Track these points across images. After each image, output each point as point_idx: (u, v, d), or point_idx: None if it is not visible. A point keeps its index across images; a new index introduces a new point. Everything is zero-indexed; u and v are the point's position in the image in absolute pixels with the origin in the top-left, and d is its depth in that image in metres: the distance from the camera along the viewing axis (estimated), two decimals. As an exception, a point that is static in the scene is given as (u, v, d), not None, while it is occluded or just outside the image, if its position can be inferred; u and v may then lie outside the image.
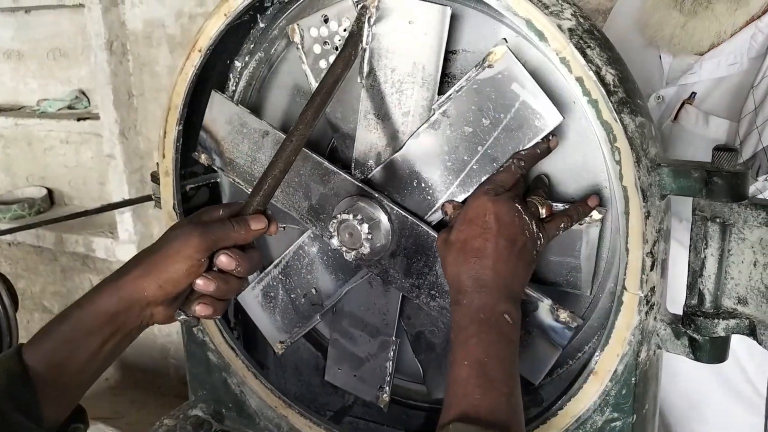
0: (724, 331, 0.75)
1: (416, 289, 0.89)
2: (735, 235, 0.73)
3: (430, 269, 0.87)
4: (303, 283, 1.01)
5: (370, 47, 0.86)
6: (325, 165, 0.92)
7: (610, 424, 0.80)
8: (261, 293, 1.05)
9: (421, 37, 0.83)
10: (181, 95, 0.99)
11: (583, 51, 0.71)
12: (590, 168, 0.83)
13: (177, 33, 2.51)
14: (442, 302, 0.87)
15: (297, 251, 1.00)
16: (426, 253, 0.86)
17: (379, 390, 0.99)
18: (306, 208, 0.95)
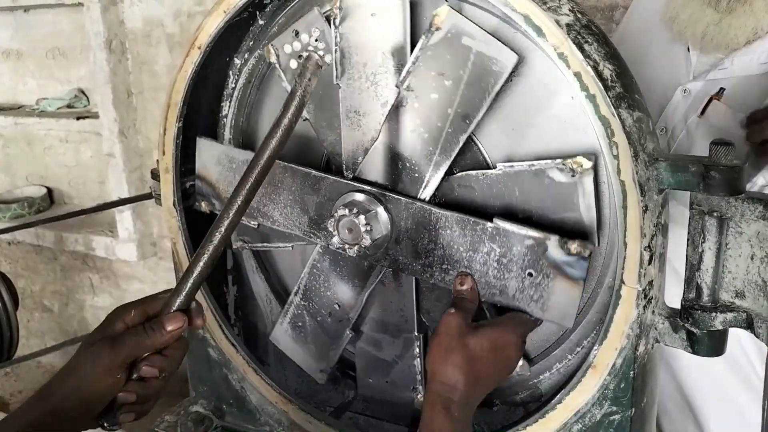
0: (722, 325, 0.75)
1: (428, 268, 0.87)
2: (732, 228, 0.73)
3: (436, 244, 0.86)
4: (325, 301, 1.01)
5: (340, 48, 0.88)
6: (313, 174, 0.94)
7: (608, 417, 0.80)
8: (290, 326, 1.05)
9: (386, 26, 0.85)
10: (180, 92, 1.00)
11: (581, 46, 0.72)
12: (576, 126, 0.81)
13: (176, 32, 2.51)
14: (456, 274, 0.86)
15: (311, 271, 1.00)
16: (428, 228, 0.86)
17: (412, 391, 0.99)
18: (306, 223, 0.96)
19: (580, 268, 0.78)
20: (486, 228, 0.82)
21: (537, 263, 0.79)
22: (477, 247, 0.83)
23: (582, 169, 0.78)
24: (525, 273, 0.81)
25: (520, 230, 0.79)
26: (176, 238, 1.08)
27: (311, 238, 0.97)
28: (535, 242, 0.79)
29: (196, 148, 1.04)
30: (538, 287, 0.80)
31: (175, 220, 1.07)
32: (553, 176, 0.79)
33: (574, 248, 0.77)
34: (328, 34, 0.89)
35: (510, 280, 0.82)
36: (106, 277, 3.05)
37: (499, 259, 0.82)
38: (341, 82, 0.89)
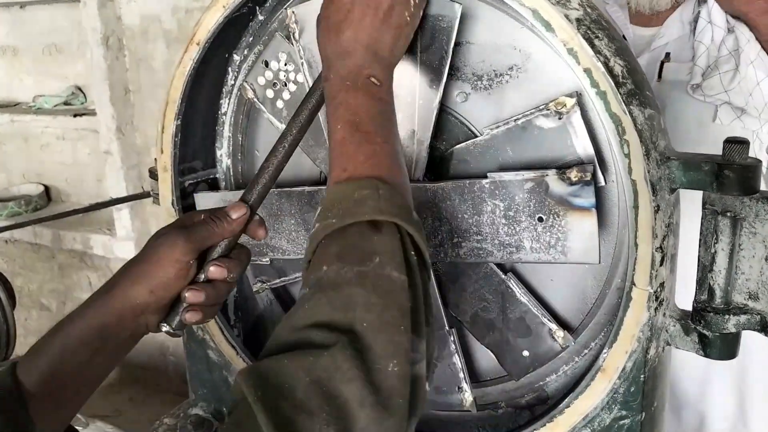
0: (735, 327, 0.73)
1: (440, 248, 0.85)
2: (746, 229, 0.71)
3: (441, 220, 0.84)
4: None
5: (306, 60, 0.90)
6: (307, 190, 0.93)
7: (618, 422, 0.79)
8: None
9: None
10: (179, 89, 0.98)
11: (591, 42, 0.70)
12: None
13: (173, 28, 2.48)
14: (469, 244, 0.83)
15: None
16: (428, 207, 0.84)
17: (458, 391, 0.94)
18: None
19: (588, 195, 0.74)
20: (483, 186, 0.79)
21: (543, 204, 0.76)
22: (480, 209, 0.80)
23: (567, 109, 0.76)
24: (535, 219, 0.77)
25: (516, 176, 0.77)
26: (175, 238, 1.06)
27: None
28: (534, 183, 0.76)
29: (195, 204, 1.05)
30: (552, 230, 0.77)
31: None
32: (541, 124, 0.78)
33: (574, 176, 0.74)
34: (296, 56, 0.92)
35: (522, 233, 0.79)
36: (104, 276, 3.03)
37: (505, 213, 0.79)
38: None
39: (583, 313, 0.85)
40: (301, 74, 0.93)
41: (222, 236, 0.78)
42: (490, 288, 0.88)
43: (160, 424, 1.12)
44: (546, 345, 0.86)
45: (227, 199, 1.02)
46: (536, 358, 0.88)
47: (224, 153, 1.10)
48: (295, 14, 0.91)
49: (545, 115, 0.78)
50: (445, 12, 0.78)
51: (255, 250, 1.00)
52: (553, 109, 0.76)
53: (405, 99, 0.83)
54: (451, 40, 0.79)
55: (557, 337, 0.85)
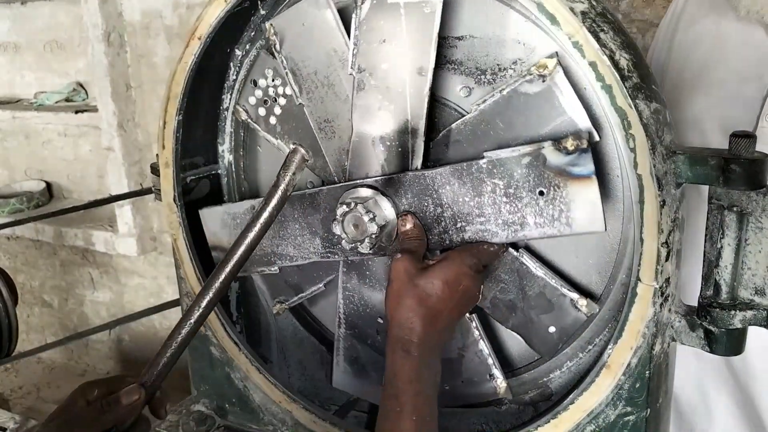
0: (741, 323, 0.73)
1: (444, 234, 0.84)
2: (752, 224, 0.71)
3: (442, 206, 0.83)
4: (368, 321, 0.96)
5: (290, 69, 0.93)
6: (307, 192, 0.93)
7: (623, 418, 0.78)
8: (347, 364, 1.00)
9: (320, 30, 0.89)
10: (180, 84, 0.97)
11: (597, 35, 0.69)
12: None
13: (175, 23, 2.48)
14: (473, 227, 0.82)
15: (344, 295, 0.97)
16: (429, 195, 0.83)
17: (490, 379, 0.92)
18: (320, 244, 0.94)
19: (585, 162, 0.73)
20: (481, 166, 0.79)
21: (542, 177, 0.75)
22: (480, 190, 0.79)
23: (549, 70, 0.75)
24: (536, 194, 0.76)
25: (512, 152, 0.76)
26: (177, 234, 1.05)
27: (330, 257, 0.94)
28: (531, 157, 0.75)
29: (201, 221, 1.06)
30: (554, 202, 0.75)
31: (176, 216, 1.04)
32: (526, 90, 0.77)
33: (570, 144, 0.73)
34: (281, 70, 0.94)
35: (525, 209, 0.78)
36: (105, 272, 3.03)
37: (505, 191, 0.78)
38: (302, 99, 0.93)
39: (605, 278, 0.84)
40: (288, 87, 0.95)
41: (110, 423, 0.76)
42: (504, 267, 0.86)
43: (162, 421, 1.11)
44: (571, 317, 0.84)
45: (231, 211, 1.02)
46: (563, 332, 0.86)
47: (226, 149, 1.09)
48: (274, 26, 0.93)
49: (529, 81, 0.77)
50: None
51: (263, 260, 1.00)
52: (536, 73, 0.76)
53: (396, 90, 0.83)
54: (435, 27, 0.78)
55: (580, 306, 0.83)
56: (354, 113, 0.87)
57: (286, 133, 1.00)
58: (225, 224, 1.03)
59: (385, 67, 0.83)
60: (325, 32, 0.89)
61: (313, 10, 0.89)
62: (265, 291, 1.09)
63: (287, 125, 1.00)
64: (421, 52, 0.80)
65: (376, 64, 0.84)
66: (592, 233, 0.78)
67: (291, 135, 0.99)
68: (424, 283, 0.78)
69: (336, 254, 0.93)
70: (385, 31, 0.82)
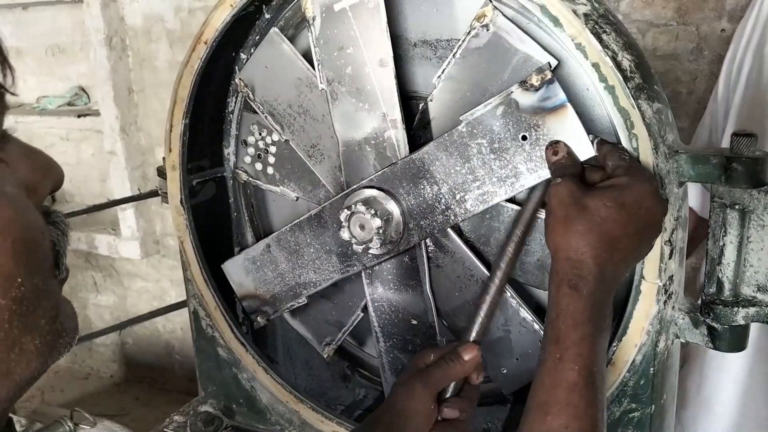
0: (744, 320, 0.74)
1: (448, 210, 0.84)
2: (754, 221, 0.72)
3: (438, 182, 0.83)
4: (402, 326, 0.97)
5: (267, 112, 0.97)
6: (312, 214, 0.95)
7: (628, 414, 0.79)
8: (394, 377, 1.00)
9: (279, 67, 0.94)
10: (187, 88, 0.98)
11: (599, 36, 0.70)
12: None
13: (177, 28, 2.49)
14: (472, 194, 0.82)
15: (374, 307, 0.97)
16: (422, 176, 0.84)
17: None
18: (337, 261, 0.95)
19: (555, 92, 0.73)
20: (461, 131, 0.80)
21: (521, 122, 0.76)
22: (467, 154, 0.80)
23: (489, 18, 0.77)
24: (519, 140, 0.76)
25: (485, 107, 0.77)
26: (184, 237, 1.06)
27: (350, 270, 0.95)
28: (504, 105, 0.76)
29: (225, 274, 1.07)
30: (539, 142, 0.75)
31: (183, 218, 1.05)
32: (476, 45, 0.80)
33: (535, 80, 0.73)
34: (263, 122, 0.99)
35: (514, 158, 0.77)
36: (109, 276, 3.04)
37: (491, 148, 0.78)
38: (286, 135, 0.97)
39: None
40: (275, 134, 1.00)
41: (455, 377, 0.79)
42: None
43: (171, 422, 1.12)
44: None
45: (250, 256, 1.03)
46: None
47: (231, 152, 1.10)
48: (242, 80, 0.99)
49: (475, 36, 0.80)
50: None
51: (289, 295, 1.01)
52: (478, 25, 0.78)
53: (365, 89, 0.85)
54: (382, 17, 0.82)
55: None
56: (335, 124, 0.90)
57: (285, 177, 1.03)
58: (248, 271, 1.04)
59: (350, 71, 0.86)
60: (285, 66, 0.94)
61: (269, 50, 0.95)
62: (311, 338, 1.09)
63: (284, 169, 1.03)
64: (378, 45, 0.83)
65: (341, 71, 0.87)
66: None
67: (290, 177, 1.03)
68: (594, 204, 0.66)
69: (355, 266, 0.94)
70: (340, 38, 0.85)
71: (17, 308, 0.40)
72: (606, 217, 0.65)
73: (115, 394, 3.09)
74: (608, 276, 0.67)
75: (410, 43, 0.90)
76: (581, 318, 0.65)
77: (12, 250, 0.40)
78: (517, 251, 0.78)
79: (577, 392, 0.64)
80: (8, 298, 0.40)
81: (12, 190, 0.42)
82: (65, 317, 0.46)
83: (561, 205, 0.67)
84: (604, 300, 0.67)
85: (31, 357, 0.42)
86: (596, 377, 0.65)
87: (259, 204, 1.13)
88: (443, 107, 0.86)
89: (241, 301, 1.07)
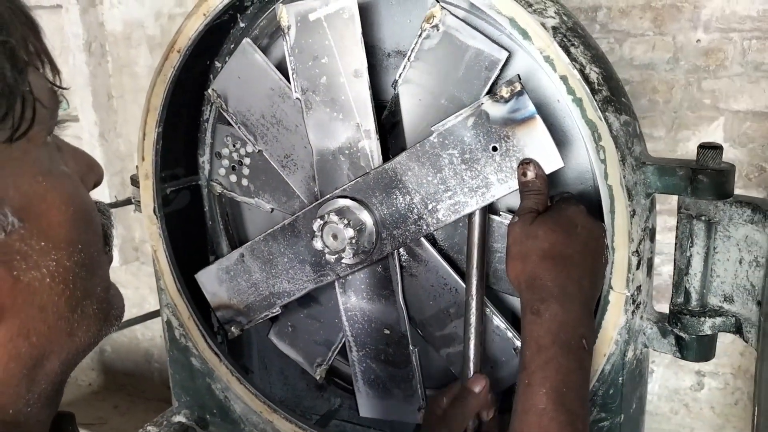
0: (711, 330, 0.75)
1: (420, 220, 0.84)
2: (720, 232, 0.73)
3: (410, 192, 0.84)
4: (375, 336, 0.97)
5: (241, 122, 0.98)
6: (285, 224, 0.95)
7: (597, 424, 0.79)
8: (368, 388, 1.00)
9: (251, 78, 0.95)
10: (160, 96, 0.98)
11: (567, 49, 0.71)
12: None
13: (157, 34, 2.48)
14: (443, 204, 0.82)
15: (347, 316, 0.97)
16: (394, 186, 0.84)
17: (516, 353, 0.90)
18: (311, 271, 0.95)
19: (525, 104, 0.74)
20: (432, 141, 0.80)
21: (491, 133, 0.76)
22: (439, 164, 0.81)
23: (438, 18, 0.79)
24: (490, 151, 0.77)
25: (456, 118, 0.78)
26: (157, 245, 1.06)
27: (323, 280, 0.95)
28: (474, 116, 0.77)
29: (199, 284, 1.06)
30: (509, 153, 0.76)
31: (156, 227, 1.04)
32: (429, 46, 0.82)
33: (505, 92, 0.74)
34: (237, 133, 1.00)
35: (485, 169, 0.78)
36: (87, 283, 3.01)
37: (462, 158, 0.79)
38: (260, 145, 0.98)
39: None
40: (249, 145, 1.01)
41: (474, 412, 0.83)
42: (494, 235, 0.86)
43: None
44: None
45: (223, 266, 1.03)
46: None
47: (206, 160, 1.10)
48: (215, 90, 0.99)
49: (427, 37, 0.81)
50: (340, 4, 0.83)
51: (263, 304, 1.01)
52: (428, 26, 0.80)
53: (339, 98, 0.86)
54: (357, 28, 0.83)
55: None
56: (309, 134, 0.90)
57: (260, 189, 1.03)
58: (220, 280, 1.04)
59: (325, 81, 0.86)
60: (258, 76, 0.94)
61: (241, 60, 0.95)
62: (302, 361, 1.09)
63: (258, 180, 1.03)
64: (352, 55, 0.84)
65: (316, 80, 0.87)
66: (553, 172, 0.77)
67: (265, 188, 1.03)
68: (544, 232, 0.71)
69: (328, 275, 0.94)
70: (315, 48, 0.86)
71: (79, 271, 0.47)
72: (554, 241, 0.71)
73: (94, 402, 3.05)
74: (572, 293, 0.70)
75: (384, 53, 0.90)
76: (544, 341, 0.68)
77: (73, 218, 0.46)
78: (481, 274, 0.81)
79: (547, 416, 0.65)
80: (72, 261, 0.46)
81: (68, 171, 0.49)
82: (114, 293, 0.52)
83: (515, 243, 0.74)
84: (574, 319, 0.69)
85: (90, 321, 0.48)
86: (567, 398, 0.66)
87: (234, 213, 1.12)
88: (412, 114, 0.86)
89: (215, 311, 1.06)
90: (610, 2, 1.91)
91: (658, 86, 1.95)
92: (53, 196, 0.45)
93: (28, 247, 0.44)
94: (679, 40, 1.88)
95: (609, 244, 0.73)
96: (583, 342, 0.69)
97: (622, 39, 1.93)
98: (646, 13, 1.90)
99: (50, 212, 0.45)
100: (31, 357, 0.46)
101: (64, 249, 0.46)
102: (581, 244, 0.72)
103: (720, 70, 1.85)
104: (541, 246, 0.71)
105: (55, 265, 0.45)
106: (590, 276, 0.72)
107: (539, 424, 0.65)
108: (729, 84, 1.85)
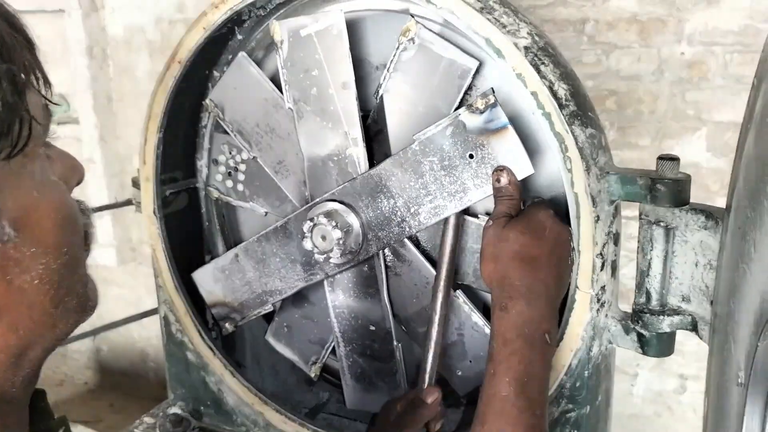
0: (669, 327, 0.81)
1: (403, 223, 0.90)
2: (678, 237, 0.79)
3: (394, 196, 0.90)
4: (361, 332, 1.02)
5: (237, 130, 1.03)
6: (278, 226, 1.01)
7: (565, 415, 0.85)
8: (355, 382, 1.05)
9: (247, 88, 1.01)
10: (161, 104, 1.03)
11: (538, 67, 0.77)
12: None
13: (157, 39, 2.53)
14: (424, 207, 0.88)
15: (335, 313, 1.02)
16: (380, 191, 0.90)
17: None
18: (301, 269, 1.01)
19: (498, 115, 0.80)
20: (414, 149, 0.86)
21: (468, 142, 0.82)
22: (420, 170, 0.87)
23: (413, 32, 0.86)
24: (467, 158, 0.83)
25: (436, 128, 0.84)
26: (156, 245, 1.11)
27: (313, 278, 1.01)
28: (452, 125, 0.83)
29: (195, 283, 1.12)
30: (484, 160, 0.82)
31: (155, 228, 1.10)
32: (406, 58, 0.88)
33: (480, 104, 0.80)
34: (233, 141, 1.05)
35: (462, 174, 0.84)
36: (85, 282, 3.05)
37: (441, 165, 0.85)
38: (254, 152, 1.04)
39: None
40: (244, 152, 1.06)
41: (424, 421, 0.87)
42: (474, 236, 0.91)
43: (140, 423, 1.16)
44: None
45: (219, 265, 1.09)
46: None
47: (204, 164, 1.15)
48: (213, 100, 1.05)
49: (404, 49, 0.88)
50: (329, 21, 0.90)
51: (256, 302, 1.06)
52: (404, 39, 0.87)
53: (329, 109, 0.92)
54: (345, 43, 0.89)
55: None
56: (301, 141, 0.96)
57: (254, 193, 1.09)
58: (217, 280, 1.09)
59: (315, 92, 0.93)
60: (252, 87, 1.00)
61: (237, 73, 1.02)
62: (297, 360, 1.14)
63: (253, 185, 1.09)
64: (341, 68, 0.90)
65: (307, 91, 0.93)
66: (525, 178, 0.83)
67: (259, 193, 1.09)
68: (515, 235, 0.77)
69: (317, 274, 1.00)
70: (306, 61, 0.92)
71: (64, 272, 0.52)
72: (524, 243, 0.77)
73: (90, 400, 3.09)
74: (538, 292, 0.76)
75: (372, 66, 0.96)
76: (510, 335, 0.75)
77: (61, 224, 0.51)
78: (447, 292, 0.88)
79: (509, 402, 0.72)
80: (58, 263, 0.51)
81: (56, 179, 0.54)
82: (91, 287, 0.58)
83: (488, 245, 0.79)
84: (539, 315, 0.76)
85: (70, 314, 0.54)
86: (528, 386, 0.73)
87: (229, 215, 1.18)
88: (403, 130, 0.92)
89: (211, 308, 1.12)
90: (597, 15, 1.97)
91: (643, 97, 2.01)
92: (45, 206, 0.50)
93: (21, 254, 0.48)
94: (664, 52, 1.94)
95: (575, 246, 0.79)
96: (546, 337, 0.75)
97: (609, 50, 1.99)
98: (632, 26, 1.96)
99: (42, 221, 0.50)
100: (18, 347, 0.51)
101: (52, 253, 0.51)
102: (549, 247, 0.78)
103: (703, 82, 1.91)
104: (512, 248, 0.77)
105: (44, 268, 0.50)
106: (556, 276, 0.78)
107: (502, 409, 0.72)
108: (711, 95, 1.92)
